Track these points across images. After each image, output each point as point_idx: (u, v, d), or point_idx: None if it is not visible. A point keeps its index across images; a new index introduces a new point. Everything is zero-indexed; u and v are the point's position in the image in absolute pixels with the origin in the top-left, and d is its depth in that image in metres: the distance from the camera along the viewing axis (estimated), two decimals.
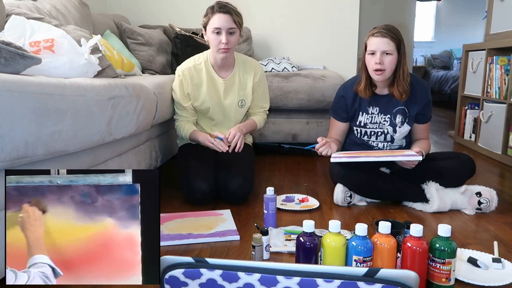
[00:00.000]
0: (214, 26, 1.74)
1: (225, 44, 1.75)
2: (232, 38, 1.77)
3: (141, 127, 1.56)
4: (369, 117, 1.85)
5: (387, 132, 1.85)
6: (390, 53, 1.69)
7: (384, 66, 1.69)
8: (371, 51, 1.70)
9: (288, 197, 1.87)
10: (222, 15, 1.73)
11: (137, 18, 3.35)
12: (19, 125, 0.87)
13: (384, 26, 1.71)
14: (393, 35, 1.69)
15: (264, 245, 1.25)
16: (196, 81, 1.90)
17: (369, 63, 1.73)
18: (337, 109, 1.92)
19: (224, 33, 1.74)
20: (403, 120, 1.84)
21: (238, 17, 1.77)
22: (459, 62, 6.38)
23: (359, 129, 1.88)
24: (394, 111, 1.83)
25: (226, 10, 1.74)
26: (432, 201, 1.70)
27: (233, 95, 1.95)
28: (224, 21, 1.73)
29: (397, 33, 1.71)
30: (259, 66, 2.01)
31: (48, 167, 1.05)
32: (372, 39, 1.70)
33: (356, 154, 1.74)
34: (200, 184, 1.74)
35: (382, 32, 1.68)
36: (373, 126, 1.86)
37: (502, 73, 2.72)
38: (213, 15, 1.75)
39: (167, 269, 0.81)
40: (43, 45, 1.24)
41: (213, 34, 1.76)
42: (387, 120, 1.84)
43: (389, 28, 1.70)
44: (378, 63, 1.68)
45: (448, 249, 1.03)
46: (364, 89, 1.79)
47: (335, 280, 0.75)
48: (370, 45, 1.71)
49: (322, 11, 3.35)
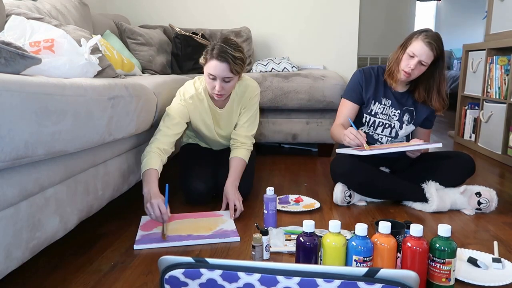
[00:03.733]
0: (209, 72, 1.62)
1: (219, 91, 1.64)
2: (227, 85, 1.65)
3: (141, 127, 1.56)
4: (381, 107, 1.89)
5: (394, 126, 1.90)
6: (425, 64, 1.73)
7: (413, 72, 1.75)
8: (412, 53, 1.73)
9: (281, 199, 1.85)
10: (219, 63, 1.58)
11: (137, 18, 3.35)
12: (19, 125, 0.87)
13: (435, 37, 1.72)
14: (438, 50, 1.72)
15: (264, 245, 1.25)
16: (196, 110, 1.79)
17: (402, 61, 1.77)
18: (351, 91, 1.93)
19: (219, 80, 1.62)
20: (409, 120, 1.91)
21: (237, 66, 1.61)
22: (459, 62, 6.37)
23: (368, 117, 1.91)
24: (404, 109, 1.90)
25: (224, 59, 1.58)
26: (431, 200, 1.70)
27: (229, 124, 1.87)
28: (220, 70, 1.59)
29: (442, 47, 1.74)
30: (255, 91, 1.85)
31: (48, 167, 1.05)
32: (420, 44, 1.71)
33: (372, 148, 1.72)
34: (198, 185, 1.74)
35: (432, 44, 1.70)
36: (383, 117, 1.90)
37: (502, 73, 2.72)
38: (210, 60, 1.60)
39: (167, 269, 0.81)
40: (43, 45, 1.24)
41: (208, 78, 1.65)
42: (396, 114, 1.90)
43: (437, 42, 1.71)
44: (411, 69, 1.73)
45: (448, 249, 1.03)
46: (392, 79, 1.84)
47: (335, 280, 0.75)
48: (413, 47, 1.72)
49: (322, 11, 3.35)
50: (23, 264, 1.09)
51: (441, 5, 7.57)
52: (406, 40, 1.79)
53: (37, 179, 1.01)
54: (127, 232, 1.50)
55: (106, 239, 1.44)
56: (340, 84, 2.58)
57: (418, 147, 1.70)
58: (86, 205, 1.28)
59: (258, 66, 2.94)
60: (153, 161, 1.57)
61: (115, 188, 1.48)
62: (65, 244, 1.38)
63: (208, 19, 3.31)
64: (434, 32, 1.74)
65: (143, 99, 1.52)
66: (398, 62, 1.79)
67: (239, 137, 1.84)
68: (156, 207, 1.41)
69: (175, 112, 1.72)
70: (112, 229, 1.53)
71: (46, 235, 1.07)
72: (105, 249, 1.37)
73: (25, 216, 0.98)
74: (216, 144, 1.97)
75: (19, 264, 0.98)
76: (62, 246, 1.37)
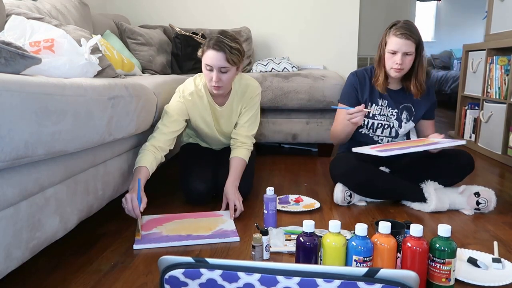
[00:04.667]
0: (206, 62, 1.62)
1: (216, 83, 1.64)
2: (224, 76, 1.63)
3: (141, 127, 1.56)
4: (378, 108, 1.89)
5: (393, 126, 1.90)
6: (410, 54, 1.73)
7: (403, 66, 1.75)
8: (392, 51, 1.74)
9: (281, 199, 1.85)
10: (215, 53, 1.59)
11: (137, 18, 3.35)
12: (19, 125, 0.87)
13: (406, 26, 1.72)
14: (415, 36, 1.72)
15: (264, 245, 1.25)
16: (196, 107, 1.78)
17: (388, 60, 1.77)
18: (347, 95, 1.91)
19: (216, 71, 1.62)
20: (408, 118, 1.91)
21: (234, 56, 1.60)
22: (459, 62, 6.37)
23: (367, 120, 1.90)
24: (401, 107, 1.89)
25: (220, 48, 1.58)
26: (429, 200, 1.70)
27: (229, 122, 1.86)
28: (216, 60, 1.59)
29: (417, 32, 1.74)
30: (256, 91, 1.85)
31: (48, 167, 1.05)
32: (394, 39, 1.72)
33: (386, 147, 1.71)
34: (198, 185, 1.74)
35: (406, 34, 1.70)
36: (381, 118, 1.89)
37: (502, 73, 2.72)
38: (207, 50, 1.61)
39: (167, 269, 0.81)
40: (43, 45, 1.24)
41: (205, 69, 1.65)
42: (393, 114, 1.89)
43: (410, 29, 1.72)
44: (399, 64, 1.73)
45: (448, 249, 1.02)
46: (382, 84, 1.83)
47: (335, 280, 0.75)
48: (391, 44, 1.74)
49: (322, 11, 3.35)
50: (23, 264, 1.09)
51: (441, 5, 7.58)
52: (380, 41, 1.81)
53: (37, 179, 1.01)
54: (127, 232, 1.50)
55: (106, 239, 1.44)
56: (340, 84, 2.58)
57: (440, 146, 1.65)
58: (86, 205, 1.28)
59: (258, 66, 2.94)
60: (145, 158, 1.57)
61: (115, 188, 1.48)
62: (65, 244, 1.38)
63: (208, 19, 3.31)
64: (403, 22, 1.74)
65: (143, 99, 1.52)
66: (382, 64, 1.81)
67: (239, 136, 1.84)
68: (129, 201, 1.41)
69: (173, 110, 1.72)
70: (112, 229, 1.53)
71: (46, 235, 1.07)
72: (105, 249, 1.37)
73: (25, 216, 0.98)
74: (216, 142, 1.97)
75: (19, 264, 0.98)
76: (62, 246, 1.37)
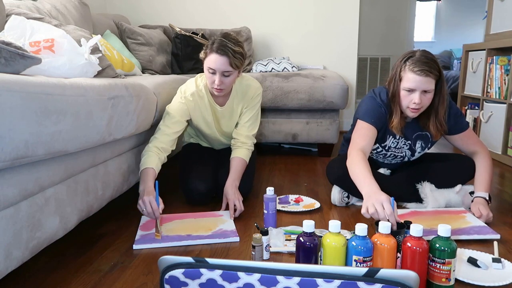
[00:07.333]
0: (209, 66, 1.62)
1: (218, 86, 1.64)
2: (226, 80, 1.64)
3: (141, 127, 1.56)
4: (395, 141, 1.74)
5: (405, 155, 1.80)
6: (429, 91, 1.54)
7: (421, 105, 1.55)
8: (409, 88, 1.53)
9: (281, 199, 1.85)
10: (218, 57, 1.58)
11: (137, 18, 3.36)
12: (19, 125, 0.87)
13: (424, 60, 1.51)
14: (435, 72, 1.51)
15: (264, 245, 1.25)
16: (197, 107, 1.78)
17: (404, 99, 1.57)
18: (374, 115, 1.64)
19: (218, 74, 1.62)
20: (423, 146, 1.76)
21: (237, 60, 1.61)
22: (459, 62, 6.37)
23: (380, 148, 1.77)
24: (414, 137, 1.73)
25: (224, 52, 1.58)
26: (426, 201, 1.70)
27: (230, 122, 1.87)
28: (220, 64, 1.59)
29: (437, 66, 1.53)
30: (257, 91, 1.85)
31: (48, 167, 1.05)
32: (412, 76, 1.51)
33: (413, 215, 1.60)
34: (198, 185, 1.74)
35: (425, 70, 1.49)
36: (395, 150, 1.78)
37: (502, 73, 2.72)
38: (210, 54, 1.61)
39: (167, 269, 0.81)
40: (43, 45, 1.24)
41: (208, 72, 1.65)
42: (407, 144, 1.76)
43: (429, 63, 1.51)
44: (417, 103, 1.53)
45: (448, 249, 1.02)
46: (398, 125, 1.62)
47: (335, 280, 0.75)
48: (408, 81, 1.53)
49: (322, 12, 3.35)
50: (23, 264, 1.09)
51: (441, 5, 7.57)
52: (393, 74, 1.59)
53: (37, 179, 1.01)
54: (127, 232, 1.50)
55: (106, 239, 1.44)
56: (340, 84, 2.58)
57: (467, 237, 1.41)
58: (86, 205, 1.28)
59: (258, 66, 2.94)
60: (150, 159, 1.58)
61: (115, 188, 1.48)
62: (65, 244, 1.38)
63: (208, 19, 3.31)
64: (420, 54, 1.54)
65: (143, 99, 1.52)
66: (397, 102, 1.60)
67: (240, 136, 1.84)
68: (148, 203, 1.43)
69: (175, 111, 1.72)
70: (112, 229, 1.53)
71: (46, 235, 1.07)
72: (105, 249, 1.37)
73: (25, 216, 0.98)
74: (217, 142, 1.97)
75: (19, 264, 0.98)
76: (62, 246, 1.37)
